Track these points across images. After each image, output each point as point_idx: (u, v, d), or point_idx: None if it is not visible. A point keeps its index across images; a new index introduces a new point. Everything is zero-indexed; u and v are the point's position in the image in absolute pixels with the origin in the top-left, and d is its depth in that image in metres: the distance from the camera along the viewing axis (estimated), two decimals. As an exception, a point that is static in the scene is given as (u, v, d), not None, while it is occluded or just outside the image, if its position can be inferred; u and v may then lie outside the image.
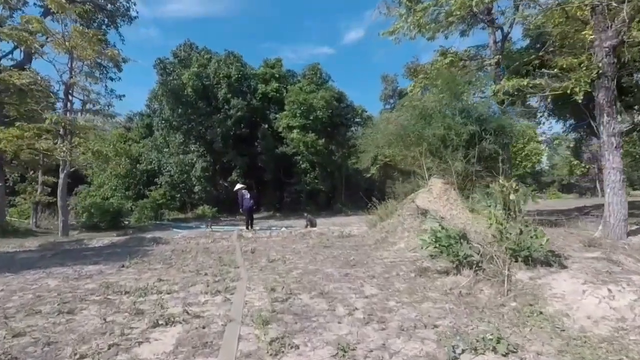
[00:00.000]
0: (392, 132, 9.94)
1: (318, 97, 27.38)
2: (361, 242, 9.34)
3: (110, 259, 8.09)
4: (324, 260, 6.86)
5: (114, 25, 25.01)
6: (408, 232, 8.42)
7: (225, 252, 8.43)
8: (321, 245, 9.04)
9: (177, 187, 29.93)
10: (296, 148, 27.34)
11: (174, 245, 10.39)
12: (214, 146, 27.31)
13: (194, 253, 8.44)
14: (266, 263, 6.79)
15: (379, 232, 9.74)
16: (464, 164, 8.93)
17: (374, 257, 7.00)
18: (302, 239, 10.84)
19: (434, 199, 9.61)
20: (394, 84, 47.66)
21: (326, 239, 10.11)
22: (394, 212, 10.14)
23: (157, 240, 11.34)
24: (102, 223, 18.96)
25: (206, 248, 9.29)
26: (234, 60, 28.57)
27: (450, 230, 4.95)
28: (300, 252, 8.14)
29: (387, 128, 10.04)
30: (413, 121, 9.75)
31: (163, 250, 9.15)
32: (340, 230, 11.87)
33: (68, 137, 13.69)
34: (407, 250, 7.56)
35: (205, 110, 27.83)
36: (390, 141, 10.15)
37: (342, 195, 30.98)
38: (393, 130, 9.89)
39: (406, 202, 10.17)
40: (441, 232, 4.96)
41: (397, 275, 5.44)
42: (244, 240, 11.01)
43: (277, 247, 9.02)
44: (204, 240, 11.17)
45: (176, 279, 5.70)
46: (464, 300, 4.10)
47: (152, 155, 30.92)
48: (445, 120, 9.20)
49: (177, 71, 28.79)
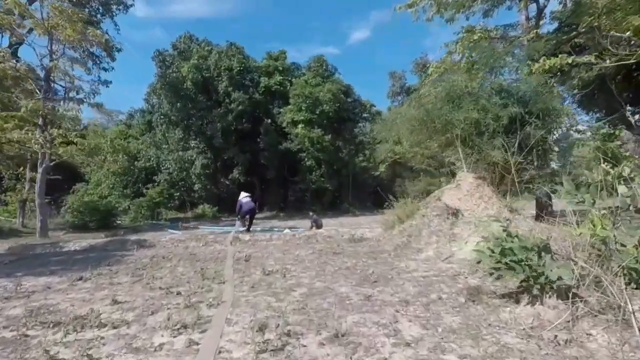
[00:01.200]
0: (415, 118, 8.38)
1: (324, 90, 25.84)
2: (377, 248, 7.81)
3: (74, 268, 6.65)
4: (335, 273, 5.34)
5: (108, 13, 23.62)
6: (437, 236, 6.88)
7: (213, 260, 6.94)
8: (330, 251, 7.51)
9: (176, 185, 28.56)
10: (301, 144, 25.81)
11: (158, 250, 8.94)
12: (214, 142, 25.87)
13: (176, 261, 6.96)
14: (261, 276, 5.28)
15: (399, 235, 8.19)
16: (503, 153, 7.35)
17: (398, 269, 5.46)
18: (307, 243, 9.33)
19: (464, 197, 8.05)
20: (401, 81, 46.02)
21: (335, 244, 8.59)
22: (415, 212, 8.59)
23: (142, 243, 9.89)
24: (92, 223, 17.61)
25: (193, 254, 7.80)
26: (236, 52, 27.12)
27: (524, 239, 3.41)
28: (305, 260, 6.63)
29: (408, 112, 8.50)
30: (439, 104, 8.18)
31: (142, 257, 7.68)
32: (350, 233, 10.35)
33: (47, 127, 12.31)
34: (439, 260, 6.02)
35: (205, 104, 26.41)
36: (412, 128, 8.59)
37: (349, 194, 29.42)
38: (415, 115, 8.33)
39: (430, 201, 8.62)
40: (510, 241, 3.42)
41: (440, 299, 3.90)
42: (239, 244, 9.53)
43: (277, 254, 7.52)
44: (194, 244, 9.71)
45: (137, 301, 4.22)
46: (567, 353, 2.56)
47: (150, 152, 29.59)
48: (480, 102, 7.63)
49: (176, 64, 27.42)
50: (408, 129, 8.68)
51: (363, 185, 32.03)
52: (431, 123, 8.43)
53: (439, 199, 8.39)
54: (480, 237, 6.13)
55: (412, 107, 8.69)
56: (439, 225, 7.17)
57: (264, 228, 16.35)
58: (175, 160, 27.50)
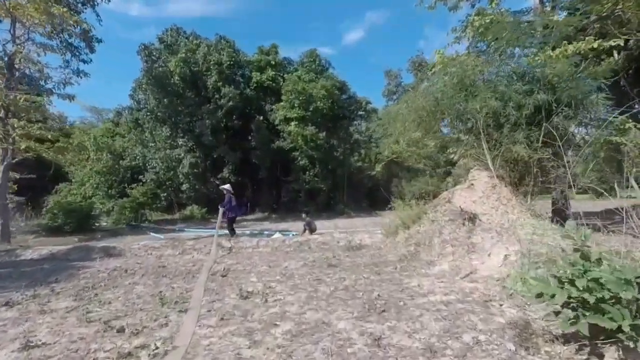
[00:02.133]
0: (423, 107, 7.28)
1: (318, 87, 24.68)
2: (380, 258, 6.71)
3: (12, 285, 5.45)
4: (331, 296, 4.22)
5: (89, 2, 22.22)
6: (452, 246, 5.78)
7: (185, 275, 5.77)
8: (325, 262, 6.39)
9: (163, 185, 27.20)
10: (294, 142, 24.64)
11: (126, 260, 7.75)
12: (203, 140, 24.60)
13: (139, 276, 5.78)
14: (237, 301, 4.14)
15: (404, 243, 7.09)
16: (525, 148, 6.29)
17: (410, 291, 4.36)
18: (298, 251, 8.21)
19: (479, 199, 6.98)
20: (397, 79, 45.21)
21: (331, 253, 7.47)
22: (422, 215, 7.50)
23: (109, 251, 8.68)
24: (67, 226, 16.28)
25: (163, 266, 6.62)
26: (226, 46, 25.85)
27: (625, 268, 2.30)
28: (295, 275, 5.50)
29: (416, 102, 7.40)
30: (450, 92, 7.10)
31: (102, 269, 6.49)
32: (347, 239, 9.23)
33: (8, 119, 11.01)
34: (457, 276, 4.93)
35: (193, 100, 25.12)
36: (419, 118, 7.48)
37: (344, 195, 28.31)
38: (424, 105, 7.23)
39: (439, 203, 7.54)
40: (594, 268, 2.32)
41: (478, 344, 2.79)
42: (222, 251, 8.37)
43: (262, 266, 6.37)
44: (169, 252, 8.53)
45: (59, 344, 3.06)
46: None
47: (136, 150, 28.22)
48: (499, 89, 6.55)
49: (163, 58, 26.13)
50: (415, 121, 7.57)
51: (358, 186, 30.98)
52: (441, 114, 7.34)
53: (449, 201, 7.31)
54: (508, 248, 5.07)
55: (420, 96, 7.58)
56: (453, 233, 6.07)
57: (253, 231, 15.20)
58: (162, 159, 26.19)
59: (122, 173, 28.66)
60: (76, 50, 19.44)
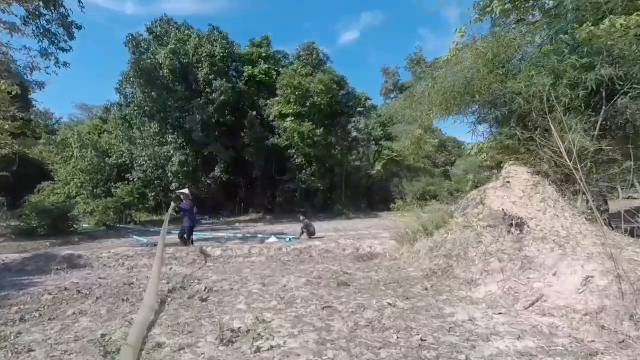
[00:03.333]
0: (451, 90, 6.00)
1: (316, 81, 23.35)
2: (400, 273, 5.44)
3: None
4: (352, 340, 2.93)
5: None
6: (499, 260, 4.50)
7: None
8: (333, 278, 5.09)
9: (151, 184, 25.71)
10: (290, 139, 23.26)
11: (87, 272, 6.40)
12: (193, 136, 23.16)
13: (92, 300, 4.44)
14: (215, 350, 2.83)
15: (428, 254, 5.81)
16: (584, 137, 5.04)
17: (462, 329, 3.08)
18: (298, 262, 6.91)
19: (519, 200, 5.72)
20: (395, 78, 44.12)
21: (338, 265, 6.18)
22: (447, 220, 6.23)
23: (73, 260, 7.30)
24: (41, 228, 14.79)
25: (128, 284, 5.27)
26: (219, 37, 24.41)
27: None
28: (296, 299, 4.20)
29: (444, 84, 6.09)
30: (483, 71, 5.83)
31: (49, 289, 5.11)
32: (354, 245, 7.94)
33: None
34: (518, 305, 3.66)
35: (183, 94, 23.64)
36: (446, 102, 6.20)
37: (342, 195, 27.02)
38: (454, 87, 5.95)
39: (469, 204, 6.28)
40: None
41: None
42: (207, 260, 7.05)
43: (254, 284, 5.06)
44: (144, 262, 7.17)
45: None
46: None
47: (123, 147, 26.67)
48: (548, 64, 5.30)
49: (152, 49, 24.63)
50: (441, 105, 6.27)
51: (356, 186, 29.70)
52: (471, 98, 6.07)
53: (481, 203, 6.05)
54: (583, 266, 3.80)
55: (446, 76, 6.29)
56: (497, 243, 4.80)
57: (246, 234, 13.86)
58: (150, 156, 24.69)
59: (108, 171, 27.10)
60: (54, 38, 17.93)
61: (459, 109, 6.65)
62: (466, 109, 6.38)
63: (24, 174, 34.57)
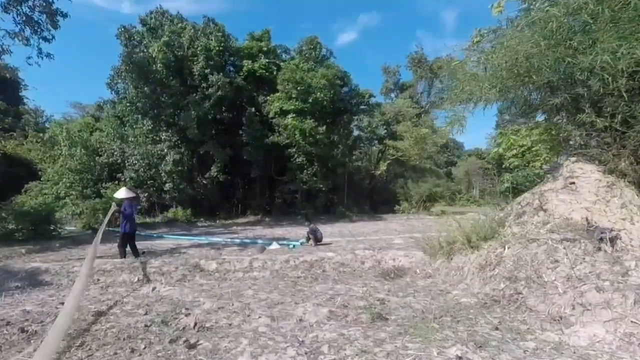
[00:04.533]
0: (507, 67, 4.80)
1: (318, 76, 22.16)
2: (445, 299, 4.24)
3: None
4: None
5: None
6: (598, 289, 3.29)
7: (113, 344, 3.21)
8: (362, 306, 3.88)
9: (144, 184, 24.37)
10: (290, 137, 22.00)
11: (47, 294, 5.16)
12: (188, 134, 21.89)
13: (33, 347, 3.20)
14: None
15: (480, 274, 4.60)
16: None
17: None
18: (310, 278, 5.69)
19: (592, 205, 4.54)
20: (395, 76, 43.00)
21: (362, 286, 4.97)
22: (498, 229, 5.04)
23: (37, 276, 6.05)
24: (19, 232, 13.48)
25: (96, 313, 4.03)
26: (215, 30, 23.17)
27: None
28: (322, 346, 2.99)
29: (500, 57, 4.88)
30: (553, 41, 4.64)
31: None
32: (373, 257, 6.74)
33: None
34: None
35: (178, 89, 22.35)
36: (501, 81, 5.00)
37: (344, 196, 25.80)
38: (516, 60, 4.74)
39: (525, 210, 5.09)
40: None
41: None
42: (201, 277, 5.82)
43: (259, 316, 3.84)
44: (123, 278, 5.93)
45: None
46: None
47: (114, 145, 25.34)
48: (638, 30, 4.12)
49: (145, 42, 23.36)
50: (494, 86, 5.05)
51: (359, 186, 28.50)
52: (529, 79, 4.87)
53: (541, 209, 4.86)
54: None
55: (501, 50, 5.07)
56: (584, 263, 3.61)
57: (244, 239, 12.61)
58: (143, 155, 23.40)
59: (99, 171, 25.74)
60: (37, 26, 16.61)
61: (516, 92, 5.44)
62: (522, 92, 5.18)
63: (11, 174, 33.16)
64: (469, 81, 5.21)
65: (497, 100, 5.39)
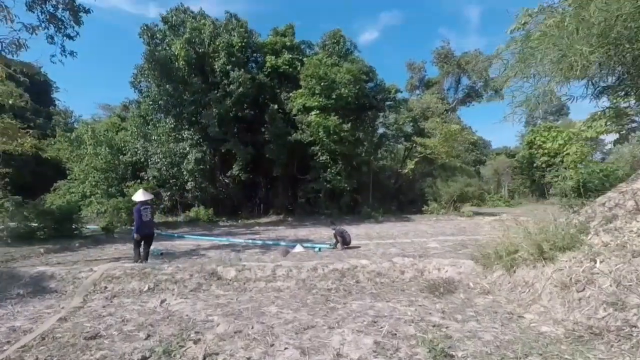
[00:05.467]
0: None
1: (343, 71, 21.26)
2: (520, 326, 3.29)
3: None
4: None
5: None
6: None
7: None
8: (422, 344, 2.99)
9: (166, 183, 24.23)
10: (314, 135, 21.17)
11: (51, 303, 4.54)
12: (209, 132, 21.50)
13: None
14: None
15: (563, 294, 3.63)
16: None
17: None
18: (344, 292, 4.85)
19: None
20: (421, 73, 41.43)
21: (408, 304, 4.08)
22: (579, 237, 4.04)
23: (42, 282, 5.48)
24: (41, 231, 13.32)
25: (92, 337, 3.33)
26: (237, 26, 22.69)
27: None
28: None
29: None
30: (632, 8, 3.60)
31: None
32: (414, 266, 5.82)
33: None
34: None
35: (199, 86, 21.98)
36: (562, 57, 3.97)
37: (369, 196, 24.78)
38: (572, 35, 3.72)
39: (618, 214, 4.07)
40: None
41: None
42: (217, 286, 5.09)
43: (285, 347, 3.02)
44: (132, 286, 5.28)
45: None
46: None
47: (137, 144, 25.31)
48: None
49: (167, 40, 23.16)
50: (558, 62, 4.03)
51: (385, 186, 27.37)
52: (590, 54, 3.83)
53: (639, 211, 3.83)
54: None
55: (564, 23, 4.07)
56: None
57: (266, 241, 11.91)
58: (165, 154, 23.19)
59: (123, 169, 25.85)
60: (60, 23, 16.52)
61: (581, 70, 4.39)
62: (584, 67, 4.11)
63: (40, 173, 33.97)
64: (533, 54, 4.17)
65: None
